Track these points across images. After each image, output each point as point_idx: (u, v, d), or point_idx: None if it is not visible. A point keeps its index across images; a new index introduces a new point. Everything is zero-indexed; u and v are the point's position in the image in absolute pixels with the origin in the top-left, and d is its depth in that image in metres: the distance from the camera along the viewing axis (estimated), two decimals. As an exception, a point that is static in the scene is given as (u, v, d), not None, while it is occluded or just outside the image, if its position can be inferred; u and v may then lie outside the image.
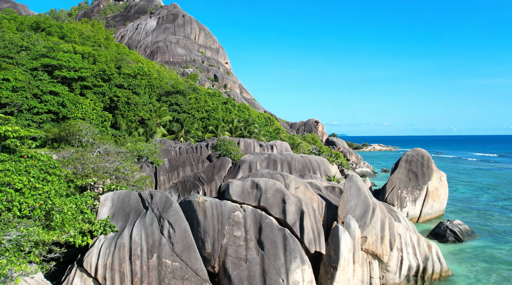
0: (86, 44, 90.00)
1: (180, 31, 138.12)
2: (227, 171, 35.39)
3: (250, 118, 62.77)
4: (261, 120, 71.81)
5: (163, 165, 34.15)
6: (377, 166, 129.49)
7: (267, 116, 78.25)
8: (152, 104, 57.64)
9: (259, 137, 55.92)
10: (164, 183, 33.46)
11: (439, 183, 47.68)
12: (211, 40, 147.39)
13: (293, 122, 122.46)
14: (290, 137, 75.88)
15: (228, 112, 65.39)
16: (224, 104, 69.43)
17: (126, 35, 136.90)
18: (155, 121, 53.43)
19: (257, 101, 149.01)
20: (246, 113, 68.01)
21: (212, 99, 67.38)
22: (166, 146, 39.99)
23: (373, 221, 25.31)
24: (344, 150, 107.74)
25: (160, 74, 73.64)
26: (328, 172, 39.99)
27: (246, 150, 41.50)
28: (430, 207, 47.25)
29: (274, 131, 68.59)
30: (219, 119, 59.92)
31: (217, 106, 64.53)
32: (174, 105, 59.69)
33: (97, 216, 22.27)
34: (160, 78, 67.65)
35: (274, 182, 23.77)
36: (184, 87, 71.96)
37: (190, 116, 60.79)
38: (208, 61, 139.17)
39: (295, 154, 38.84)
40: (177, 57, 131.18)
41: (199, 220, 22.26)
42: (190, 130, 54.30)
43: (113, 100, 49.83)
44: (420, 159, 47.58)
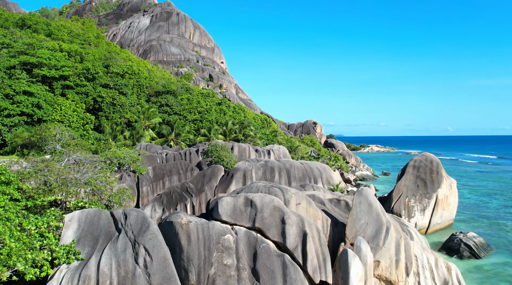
0: (74, 42, 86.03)
1: (174, 29, 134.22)
2: (218, 180, 31.70)
3: (246, 120, 59.13)
4: (257, 122, 68.17)
5: (147, 174, 30.41)
6: (377, 168, 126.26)
7: (263, 118, 74.60)
8: (140, 106, 53.89)
9: (255, 140, 52.30)
10: (148, 194, 29.71)
11: (449, 190, 44.24)
12: (206, 39, 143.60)
13: (291, 124, 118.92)
14: (288, 140, 72.33)
15: (222, 113, 61.71)
16: (218, 105, 65.78)
17: (118, 33, 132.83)
18: (143, 123, 49.67)
19: (253, 102, 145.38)
20: (242, 114, 64.35)
21: (205, 100, 63.69)
22: (152, 152, 36.24)
23: (387, 242, 21.73)
24: (344, 152, 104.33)
25: (151, 74, 69.86)
26: (331, 180, 36.40)
27: (241, 156, 37.84)
28: (439, 217, 43.81)
29: (271, 134, 64.99)
30: (212, 121, 56.24)
31: (211, 107, 60.86)
32: (165, 107, 55.94)
33: (60, 240, 18.55)
34: (151, 78, 63.87)
35: (272, 198, 20.13)
36: (176, 87, 68.19)
37: (182, 118, 57.06)
38: (203, 61, 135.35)
39: (294, 160, 35.20)
40: (171, 56, 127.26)
41: (182, 245, 18.61)
42: (181, 133, 50.59)
43: (97, 101, 46.03)
44: (429, 164, 44.11)
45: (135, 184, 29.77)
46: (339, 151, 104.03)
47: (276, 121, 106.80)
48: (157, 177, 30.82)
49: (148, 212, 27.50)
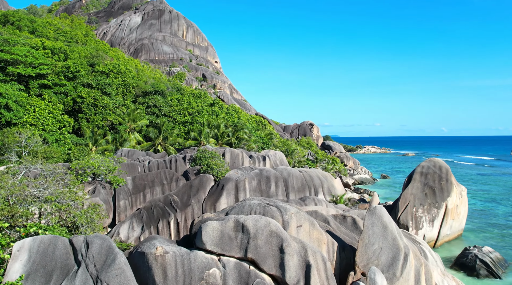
0: (59, 39, 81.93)
1: (167, 28, 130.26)
2: (207, 191, 28.06)
3: (239, 123, 55.50)
4: (252, 124, 64.57)
5: (125, 186, 26.69)
6: (375, 170, 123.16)
7: (258, 120, 71.03)
8: (126, 107, 50.09)
9: (249, 144, 48.71)
10: (126, 209, 25.99)
11: (459, 199, 40.93)
12: (199, 38, 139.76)
13: (287, 125, 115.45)
14: (284, 143, 68.82)
15: (214, 115, 58.04)
16: (211, 106, 62.10)
17: (109, 31, 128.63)
18: (128, 126, 45.88)
19: (248, 103, 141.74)
20: (235, 116, 60.72)
21: (197, 101, 60.00)
22: (134, 159, 32.49)
23: (406, 272, 18.23)
24: (341, 154, 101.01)
25: (140, 73, 66.02)
26: (333, 190, 32.88)
27: (233, 163, 34.22)
28: (449, 228, 40.48)
29: (266, 136, 61.43)
30: (203, 123, 52.55)
31: (202, 108, 57.18)
32: (152, 108, 52.16)
33: (5, 276, 14.87)
34: (139, 77, 60.04)
35: (268, 222, 16.55)
36: (166, 87, 64.39)
37: (171, 120, 53.32)
38: (196, 60, 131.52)
39: (292, 168, 31.63)
40: (163, 55, 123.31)
41: (157, 282, 15.01)
42: (169, 136, 46.87)
43: (77, 102, 42.17)
44: (438, 171, 40.76)
45: (111, 197, 26.04)
46: (337, 153, 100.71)
47: (272, 122, 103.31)
48: (137, 189, 27.11)
49: (125, 230, 23.79)
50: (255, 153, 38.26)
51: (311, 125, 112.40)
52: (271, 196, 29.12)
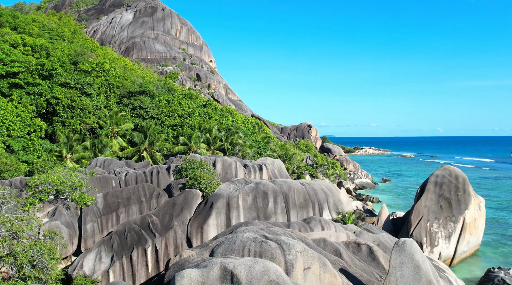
0: (43, 36, 77.23)
1: (159, 25, 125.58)
2: (193, 211, 23.73)
3: (234, 126, 51.19)
4: (247, 127, 60.25)
5: (94, 205, 22.29)
6: (375, 173, 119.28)
7: (254, 122, 66.69)
8: (109, 109, 45.64)
9: (244, 150, 44.39)
10: (94, 234, 21.59)
11: (477, 212, 36.86)
12: (194, 36, 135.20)
13: (284, 127, 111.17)
14: (282, 147, 64.58)
15: (207, 117, 53.67)
16: (203, 107, 57.72)
17: (99, 29, 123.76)
18: (110, 130, 41.43)
19: (244, 103, 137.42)
20: (229, 118, 56.36)
21: (188, 102, 55.60)
22: (110, 170, 28.06)
23: (445, 328, 13.99)
24: (341, 157, 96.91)
25: (127, 72, 61.54)
26: (339, 205, 28.63)
27: (225, 174, 29.89)
28: (466, 244, 36.41)
29: (263, 140, 57.15)
30: (194, 127, 48.17)
31: (194, 110, 52.81)
32: (138, 110, 47.71)
33: None
34: (125, 76, 55.55)
35: (266, 268, 12.27)
36: (155, 87, 59.96)
37: (159, 123, 48.92)
38: (190, 59, 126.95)
39: (293, 181, 27.34)
40: (156, 54, 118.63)
41: None
42: (156, 141, 42.46)
43: (51, 104, 37.66)
44: (454, 180, 36.66)
45: (76, 220, 21.61)
46: (336, 156, 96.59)
47: (268, 124, 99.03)
48: (109, 208, 22.70)
49: (91, 262, 19.39)
50: (251, 161, 33.91)
51: (309, 127, 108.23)
52: (269, 214, 24.82)
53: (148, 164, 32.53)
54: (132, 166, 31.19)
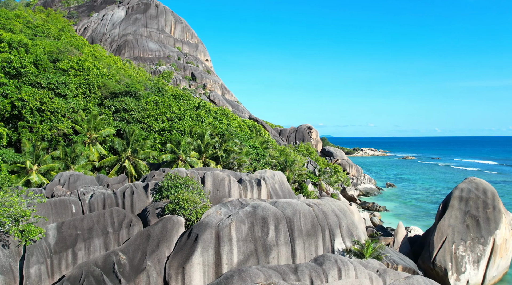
0: (25, 33, 72.03)
1: (153, 23, 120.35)
2: (173, 245, 18.69)
3: (229, 130, 46.17)
4: (244, 130, 55.21)
5: (44, 240, 17.23)
6: (378, 177, 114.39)
7: (252, 125, 61.64)
8: (88, 112, 40.55)
9: (240, 158, 39.39)
10: (40, 280, 16.53)
11: (508, 231, 31.96)
12: (189, 34, 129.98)
13: (283, 129, 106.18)
14: (282, 152, 59.61)
15: (199, 121, 48.62)
16: (196, 110, 52.66)
17: (89, 27, 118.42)
18: (86, 136, 36.37)
19: (241, 104, 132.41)
20: (224, 122, 51.31)
21: (179, 104, 50.53)
22: (75, 188, 22.96)
23: None
24: (343, 161, 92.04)
25: (113, 71, 56.47)
26: (354, 231, 23.64)
27: (217, 191, 24.88)
28: (496, 268, 31.50)
29: (261, 145, 52.12)
30: (184, 132, 43.13)
31: (185, 113, 47.78)
32: (122, 112, 42.62)
33: None
34: (109, 75, 50.44)
35: None
36: (143, 87, 54.92)
37: (145, 127, 43.87)
38: (185, 58, 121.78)
39: (299, 202, 22.31)
40: (149, 52, 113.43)
41: None
42: (140, 149, 37.43)
43: (16, 106, 32.55)
44: (482, 195, 31.75)
45: (17, 262, 16.52)
46: (338, 160, 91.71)
47: (267, 126, 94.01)
48: (64, 244, 17.62)
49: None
50: (247, 174, 28.85)
51: (309, 129, 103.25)
52: (270, 246, 19.82)
53: (125, 178, 27.39)
54: (105, 181, 26.09)
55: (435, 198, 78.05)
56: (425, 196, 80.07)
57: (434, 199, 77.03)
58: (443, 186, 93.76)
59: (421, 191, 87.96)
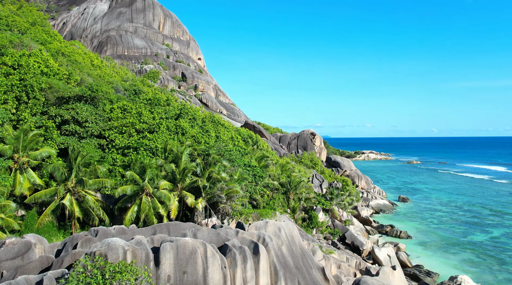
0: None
1: (139, 17, 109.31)
2: None
3: (217, 147, 35.30)
4: (238, 143, 44.29)
5: None
6: (386, 187, 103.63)
7: (247, 135, 50.77)
8: (23, 122, 29.69)
9: (231, 189, 28.60)
10: None
11: None
12: (179, 30, 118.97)
13: (283, 135, 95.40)
14: (284, 167, 48.84)
15: (179, 133, 37.75)
16: (176, 118, 41.82)
17: (69, 21, 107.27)
18: (8, 161, 25.51)
19: (237, 107, 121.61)
20: (212, 134, 40.39)
21: (154, 110, 39.67)
22: None
23: None
24: (351, 172, 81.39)
25: (71, 68, 45.59)
26: None
27: (182, 275, 14.14)
28: None
29: (259, 162, 41.29)
30: (156, 150, 32.26)
31: (160, 122, 36.91)
32: (72, 124, 31.66)
33: None
34: (64, 74, 39.51)
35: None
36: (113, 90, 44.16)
37: (106, 143, 33.00)
38: (175, 56, 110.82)
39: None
40: (134, 50, 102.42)
41: None
42: (90, 177, 26.60)
43: None
44: None
45: None
46: (346, 171, 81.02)
47: (265, 133, 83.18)
48: None
49: None
50: (237, 233, 17.91)
51: (312, 135, 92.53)
52: None
53: (29, 245, 16.18)
54: None
55: (459, 216, 67.66)
56: (447, 214, 69.55)
57: (458, 217, 66.61)
58: (462, 200, 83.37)
59: (439, 206, 77.47)
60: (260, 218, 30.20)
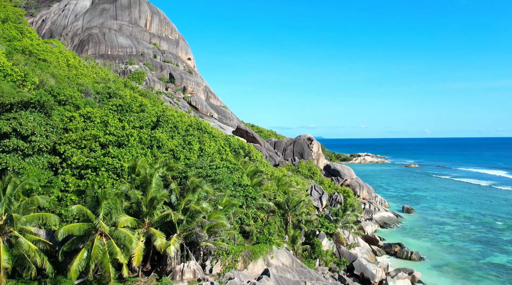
0: None
1: (124, 14, 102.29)
2: None
3: (199, 163, 28.72)
4: (226, 156, 37.62)
5: None
6: (387, 195, 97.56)
7: (238, 145, 44.12)
8: None
9: (213, 223, 22.04)
10: None
11: None
12: (168, 29, 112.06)
13: (278, 140, 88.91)
14: (280, 181, 42.39)
15: (155, 146, 31.09)
16: (153, 127, 35.18)
17: (48, 19, 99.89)
18: None
19: (229, 110, 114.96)
20: (195, 147, 33.71)
21: (125, 118, 33.02)
22: None
23: None
24: (352, 181, 75.17)
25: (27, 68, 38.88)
26: None
27: None
28: None
29: (251, 179, 34.75)
30: (122, 171, 25.60)
31: (131, 133, 30.27)
32: (13, 139, 24.86)
33: None
34: (21, 75, 32.75)
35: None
36: (80, 93, 37.53)
37: (59, 162, 26.29)
38: (162, 56, 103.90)
39: None
40: (118, 49, 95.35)
41: None
42: (24, 211, 19.93)
43: None
44: None
45: None
46: (347, 181, 74.79)
47: (259, 139, 76.60)
48: None
49: None
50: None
51: (309, 141, 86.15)
52: None
53: None
54: None
55: (471, 231, 61.65)
56: (458, 229, 63.48)
57: (471, 233, 60.59)
58: (471, 210, 77.51)
59: (447, 218, 71.52)
60: (253, 258, 23.66)
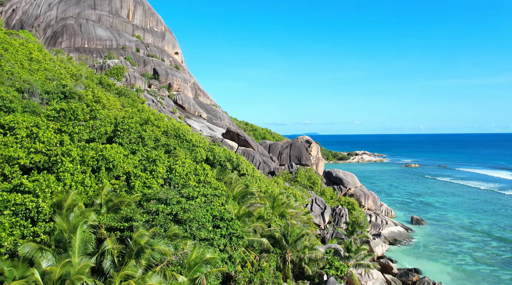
0: None
1: (104, 4, 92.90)
2: None
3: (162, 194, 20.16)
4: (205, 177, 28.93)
5: None
6: (391, 201, 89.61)
7: (224, 157, 35.47)
8: None
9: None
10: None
11: None
12: (153, 20, 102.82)
13: (273, 143, 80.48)
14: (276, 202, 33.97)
15: (103, 168, 22.39)
16: (109, 139, 26.65)
17: (19, 8, 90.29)
18: None
19: (220, 108, 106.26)
20: (159, 167, 25.04)
21: (67, 128, 24.29)
22: None
23: None
24: (356, 190, 67.02)
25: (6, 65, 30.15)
26: None
27: None
28: None
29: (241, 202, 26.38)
30: (39, 213, 16.90)
31: (68, 151, 21.57)
32: None
33: None
34: None
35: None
36: (14, 91, 28.80)
37: None
38: (146, 50, 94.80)
39: None
40: (96, 42, 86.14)
41: None
42: None
43: None
44: None
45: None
46: (351, 190, 66.61)
47: (252, 142, 68.02)
48: None
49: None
50: None
51: (308, 144, 77.84)
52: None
53: None
54: None
55: (494, 249, 53.85)
56: (478, 246, 55.63)
57: (495, 251, 52.75)
58: (487, 221, 69.78)
59: (463, 231, 63.78)
60: None
